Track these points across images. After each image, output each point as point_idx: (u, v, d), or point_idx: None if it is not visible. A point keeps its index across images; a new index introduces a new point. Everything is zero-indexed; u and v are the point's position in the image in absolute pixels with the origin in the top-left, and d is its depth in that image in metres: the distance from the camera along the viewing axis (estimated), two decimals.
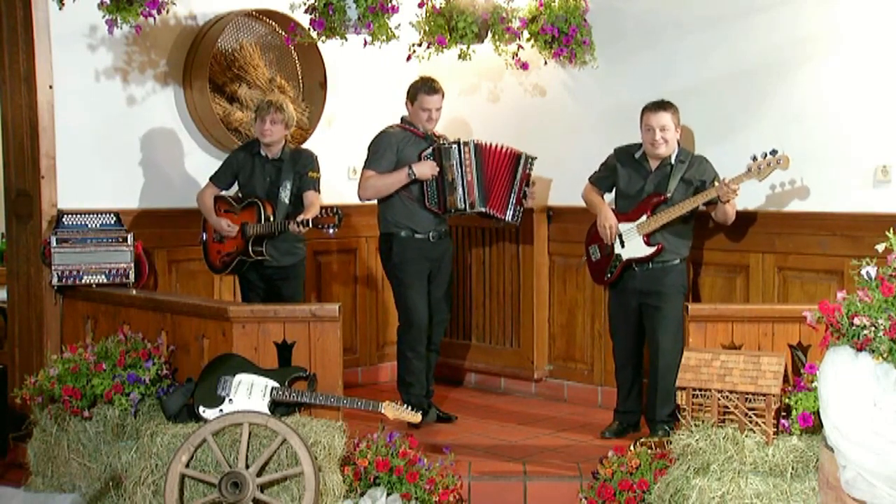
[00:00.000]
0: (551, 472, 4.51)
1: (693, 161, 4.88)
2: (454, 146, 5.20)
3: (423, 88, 5.21)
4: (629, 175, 4.95)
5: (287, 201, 5.18)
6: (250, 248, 5.17)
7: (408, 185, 5.17)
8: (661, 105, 4.79)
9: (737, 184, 4.67)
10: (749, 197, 5.00)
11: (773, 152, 4.63)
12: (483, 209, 5.28)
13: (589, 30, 5.64)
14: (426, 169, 5.15)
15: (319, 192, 5.24)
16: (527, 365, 5.98)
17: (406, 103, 5.28)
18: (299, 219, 4.95)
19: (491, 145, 5.32)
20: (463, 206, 5.21)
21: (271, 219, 5.13)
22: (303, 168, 5.23)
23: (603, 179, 5.09)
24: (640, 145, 4.93)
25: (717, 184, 4.75)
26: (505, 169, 5.32)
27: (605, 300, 5.33)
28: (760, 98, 5.05)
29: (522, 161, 5.33)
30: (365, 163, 5.26)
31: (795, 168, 4.80)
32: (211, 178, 5.35)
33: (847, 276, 4.25)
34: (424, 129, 5.25)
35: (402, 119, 5.32)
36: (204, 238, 5.39)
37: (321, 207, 5.02)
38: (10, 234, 5.44)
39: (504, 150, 5.33)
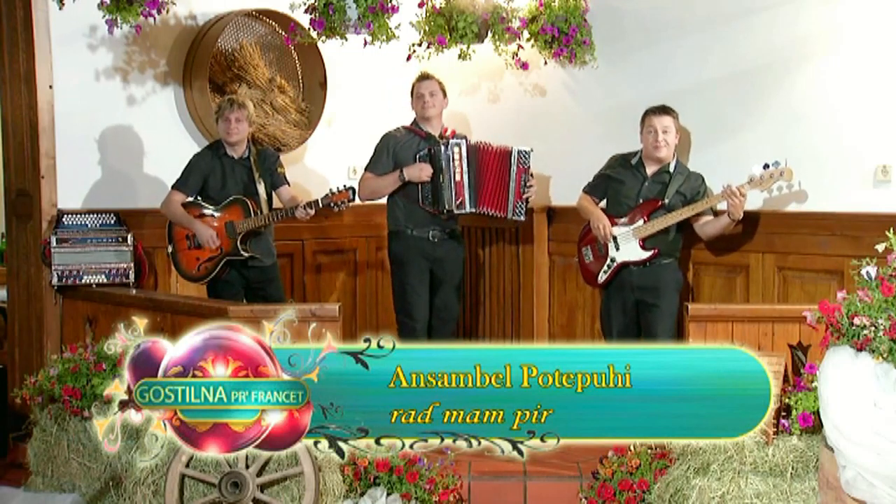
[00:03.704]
0: (551, 472, 4.49)
1: (690, 175, 4.99)
2: (443, 147, 5.18)
3: (417, 77, 5.32)
4: (626, 179, 5.02)
5: (266, 198, 5.21)
6: (239, 247, 5.12)
7: (404, 186, 5.21)
8: (665, 109, 4.92)
9: (743, 192, 4.72)
10: (749, 197, 4.99)
11: (776, 163, 4.69)
12: (473, 210, 5.25)
13: (589, 30, 5.64)
14: (415, 172, 5.17)
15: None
16: None
17: (410, 103, 5.35)
18: (305, 202, 4.99)
19: (484, 144, 5.28)
20: (451, 206, 5.19)
21: (259, 214, 5.13)
22: (272, 165, 5.29)
23: (597, 187, 5.17)
24: (636, 153, 5.02)
25: (707, 196, 4.87)
26: (497, 167, 5.26)
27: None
28: (760, 98, 5.05)
29: (515, 156, 5.25)
30: (366, 164, 5.34)
31: (796, 168, 4.80)
32: (175, 186, 5.17)
33: (847, 276, 4.25)
34: (425, 117, 5.26)
35: (413, 121, 5.36)
36: (171, 249, 5.23)
37: (329, 189, 5.03)
38: (10, 234, 5.44)
39: (495, 148, 5.28)
